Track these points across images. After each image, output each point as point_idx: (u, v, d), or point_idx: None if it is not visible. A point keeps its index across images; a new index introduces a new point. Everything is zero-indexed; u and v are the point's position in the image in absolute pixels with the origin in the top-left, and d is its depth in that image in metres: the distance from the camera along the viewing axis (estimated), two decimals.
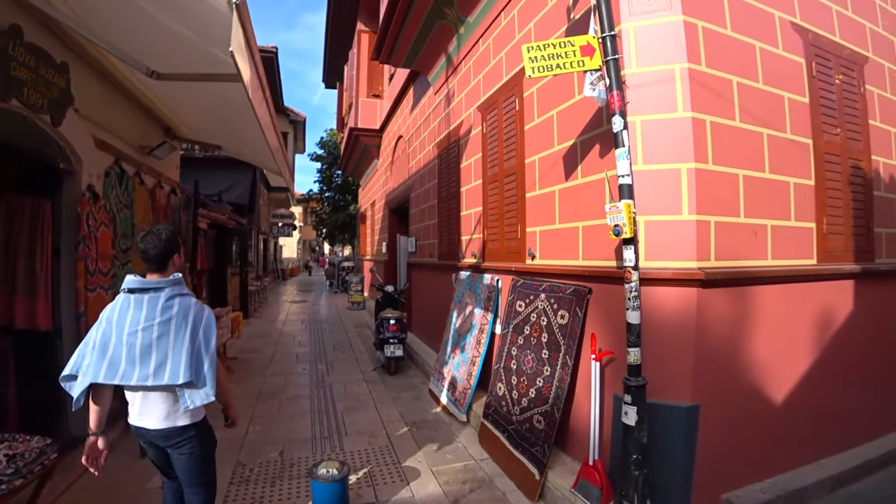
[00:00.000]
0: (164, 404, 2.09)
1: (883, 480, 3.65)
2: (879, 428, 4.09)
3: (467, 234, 5.76)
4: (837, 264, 3.59)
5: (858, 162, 3.86)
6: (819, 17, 3.82)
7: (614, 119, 2.76)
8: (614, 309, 3.04)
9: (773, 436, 3.23)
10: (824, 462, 3.52)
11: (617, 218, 2.66)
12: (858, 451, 3.78)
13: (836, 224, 3.63)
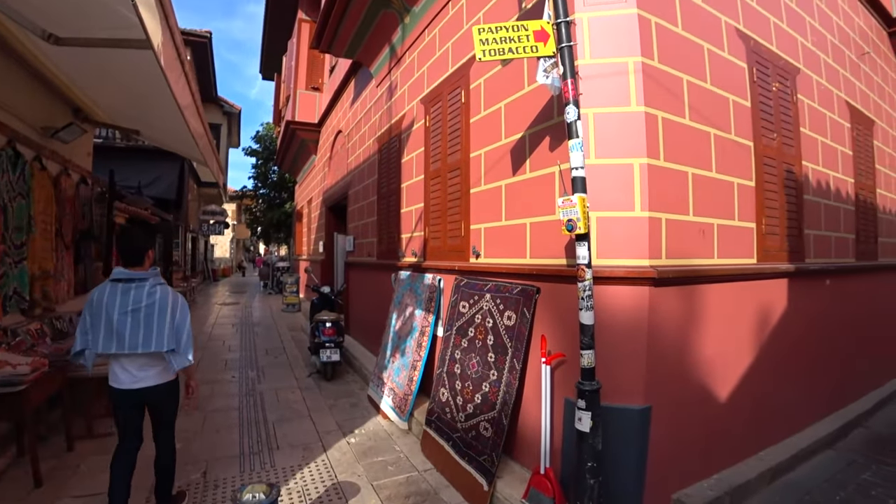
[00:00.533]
0: (155, 367, 2.74)
1: (814, 468, 3.82)
2: (809, 417, 4.31)
3: (408, 232, 5.51)
4: (774, 264, 3.68)
5: (791, 166, 3.99)
6: (759, 26, 3.92)
7: (568, 108, 2.61)
8: (565, 309, 2.91)
9: (718, 432, 3.24)
10: (763, 454, 3.63)
11: (570, 212, 2.50)
12: (792, 441, 3.96)
13: (773, 225, 3.73)
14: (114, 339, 2.58)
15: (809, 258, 4.23)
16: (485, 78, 3.94)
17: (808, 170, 4.25)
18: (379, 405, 4.91)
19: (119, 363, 2.68)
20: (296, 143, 12.69)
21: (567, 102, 2.64)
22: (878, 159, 5.78)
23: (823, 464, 3.92)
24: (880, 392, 5.57)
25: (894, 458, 4.09)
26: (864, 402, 5.11)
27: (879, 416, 5.09)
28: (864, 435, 4.58)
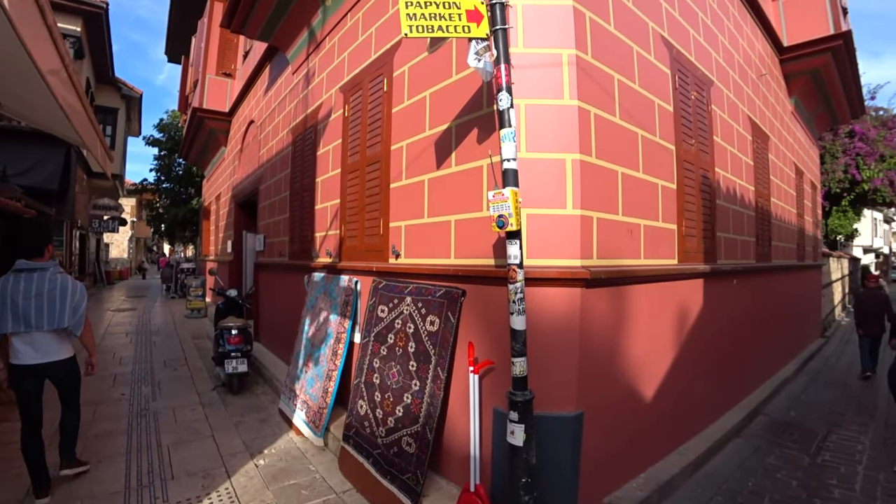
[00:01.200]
0: (56, 343, 3.18)
1: (727, 457, 4.02)
2: (720, 409, 4.54)
3: (322, 231, 5.10)
4: (693, 264, 3.78)
5: (707, 172, 4.14)
6: (681, 36, 4.04)
7: (501, 95, 2.42)
8: (493, 313, 2.71)
9: (644, 430, 3.24)
10: (683, 448, 3.74)
11: (501, 207, 2.30)
12: (707, 432, 4.15)
13: (692, 227, 3.82)
14: (21, 321, 2.98)
15: (721, 259, 4.42)
16: (409, 65, 3.69)
17: (720, 176, 4.45)
18: (291, 420, 4.46)
19: (22, 341, 3.05)
20: (203, 133, 11.64)
21: (500, 89, 2.45)
22: (772, 171, 6.27)
23: (734, 452, 4.14)
24: (773, 381, 6.06)
25: (791, 442, 4.42)
26: (762, 391, 5.53)
27: (774, 403, 5.52)
28: (764, 422, 4.91)
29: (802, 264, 8.03)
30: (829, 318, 12.36)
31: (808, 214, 8.76)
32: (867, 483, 3.65)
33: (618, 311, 2.90)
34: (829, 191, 12.97)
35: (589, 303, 2.63)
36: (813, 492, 3.49)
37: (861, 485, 3.62)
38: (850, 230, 15.15)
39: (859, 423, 5.04)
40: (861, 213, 15.49)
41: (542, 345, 2.59)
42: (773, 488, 3.51)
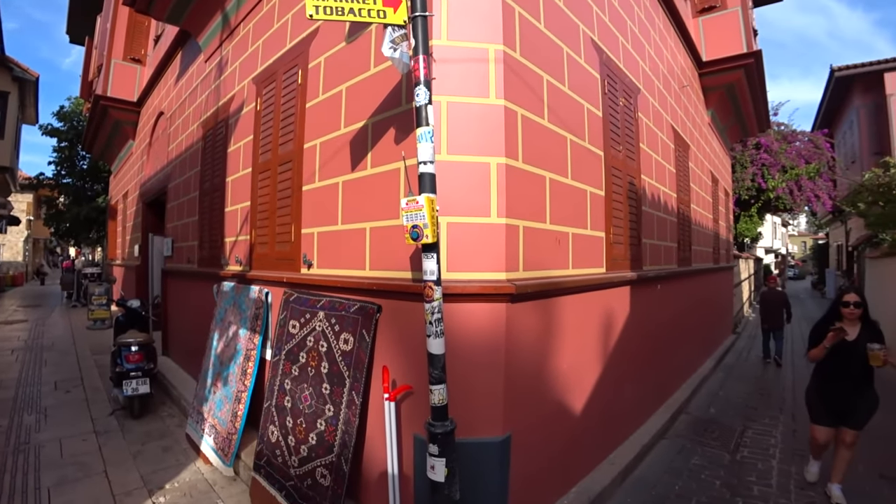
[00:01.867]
0: None
1: (655, 461, 4.04)
2: (646, 412, 4.58)
3: (233, 236, 4.63)
4: (620, 272, 3.74)
5: (633, 178, 4.13)
6: (610, 41, 4.00)
7: (418, 90, 2.18)
8: (411, 330, 2.46)
9: (575, 444, 3.14)
10: (613, 457, 3.71)
11: (415, 217, 2.05)
12: (636, 436, 4.16)
13: (619, 234, 3.79)
14: None
15: (646, 265, 4.45)
16: (326, 56, 3.36)
17: (645, 183, 4.48)
18: (199, 447, 3.97)
19: None
20: (108, 124, 10.51)
21: (417, 83, 2.21)
22: (691, 179, 6.51)
23: (661, 454, 4.17)
24: (693, 379, 6.29)
25: (713, 439, 4.55)
26: (684, 390, 5.71)
27: (696, 401, 5.72)
28: (687, 420, 5.04)
29: (717, 266, 8.48)
30: (739, 314, 13.28)
31: (723, 220, 9.29)
32: (781, 477, 3.80)
33: (545, 324, 2.76)
34: (740, 197, 13.96)
35: (515, 319, 2.45)
36: (735, 490, 3.57)
37: (776, 479, 3.76)
38: (755, 233, 16.43)
39: (771, 416, 5.32)
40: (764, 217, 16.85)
41: (465, 365, 2.37)
42: (698, 490, 3.56)
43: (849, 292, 3.23)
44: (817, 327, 3.37)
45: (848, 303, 3.18)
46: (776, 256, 36.38)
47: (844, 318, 3.19)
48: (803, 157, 14.02)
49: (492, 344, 2.38)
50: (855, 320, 3.18)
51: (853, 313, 3.16)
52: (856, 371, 3.14)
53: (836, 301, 3.31)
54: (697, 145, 7.14)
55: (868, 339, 3.07)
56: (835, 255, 20.87)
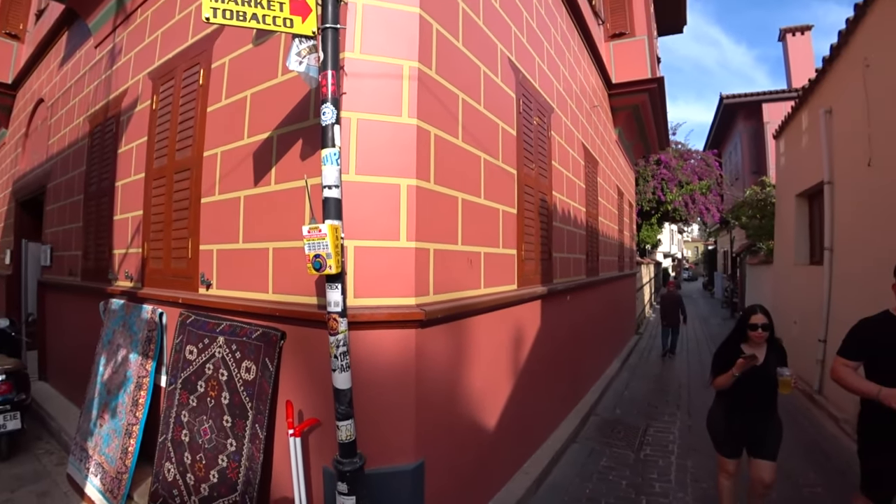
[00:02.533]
0: None
1: (567, 465, 4.17)
2: (558, 418, 4.75)
3: (122, 248, 4.18)
4: (531, 288, 3.82)
5: (545, 195, 4.26)
6: (527, 61, 4.09)
7: (325, 108, 2.06)
8: (318, 359, 2.33)
9: (489, 459, 3.14)
10: (527, 466, 3.78)
11: (318, 245, 1.93)
12: (548, 443, 4.28)
13: (531, 250, 3.87)
14: None
15: (556, 278, 4.60)
16: (231, 57, 3.12)
17: (556, 199, 4.64)
18: (84, 488, 3.49)
19: None
20: None
21: (324, 100, 2.09)
22: (600, 193, 6.89)
23: (572, 458, 4.33)
24: (601, 381, 6.65)
25: (619, 440, 4.81)
26: (593, 393, 6.00)
27: (603, 403, 6.03)
28: (596, 422, 5.29)
29: (622, 274, 9.06)
30: (642, 316, 14.32)
31: (627, 229, 9.95)
32: (679, 472, 4.08)
33: (457, 347, 2.74)
34: (642, 209, 15.13)
35: (425, 344, 2.40)
36: (639, 489, 3.77)
37: (675, 475, 4.03)
38: (655, 240, 17.89)
39: (669, 413, 5.74)
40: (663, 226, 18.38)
41: (375, 393, 2.29)
42: (607, 491, 3.72)
43: (755, 312, 2.84)
44: (721, 352, 2.99)
45: (756, 325, 2.79)
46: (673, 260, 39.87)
47: (751, 340, 2.83)
48: (697, 173, 15.48)
49: (402, 371, 2.31)
50: (762, 342, 2.84)
51: (761, 336, 2.80)
52: (763, 398, 2.84)
53: (741, 322, 2.91)
54: (606, 161, 7.58)
55: (776, 363, 2.76)
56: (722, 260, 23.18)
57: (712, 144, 20.55)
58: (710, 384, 3.10)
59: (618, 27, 8.16)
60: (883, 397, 2.17)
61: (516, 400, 3.58)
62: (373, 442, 2.27)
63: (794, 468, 4.15)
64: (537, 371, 4.03)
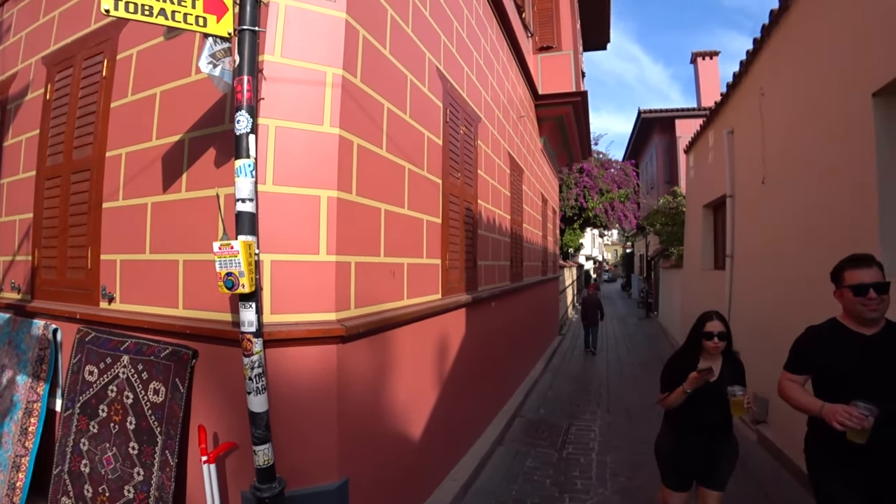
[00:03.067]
0: None
1: (493, 469, 4.26)
2: (485, 422, 4.85)
3: (8, 254, 3.73)
4: (456, 296, 3.87)
5: (470, 204, 4.34)
6: (456, 71, 4.13)
7: (239, 116, 1.97)
8: (234, 378, 2.21)
9: (417, 469, 3.15)
10: (455, 472, 3.81)
11: (230, 263, 1.84)
12: (475, 449, 4.34)
13: (455, 259, 3.92)
14: None
15: (481, 286, 4.70)
16: (140, 49, 2.89)
17: (482, 207, 4.74)
18: None
19: None
20: None
21: (239, 107, 2.00)
22: (524, 200, 7.12)
23: (499, 461, 4.43)
24: (527, 383, 6.88)
25: (543, 440, 4.99)
26: (518, 395, 6.19)
27: (528, 403, 6.24)
28: (521, 424, 5.46)
29: (545, 278, 9.43)
30: (565, 317, 14.97)
31: (550, 235, 10.37)
32: (600, 468, 4.29)
33: (380, 360, 2.72)
34: (565, 214, 15.86)
35: (347, 359, 2.35)
36: (562, 487, 3.93)
37: (596, 471, 4.24)
38: (577, 244, 18.81)
39: (591, 411, 6.05)
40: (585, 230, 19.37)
41: (296, 411, 2.22)
42: (532, 492, 3.84)
43: (710, 318, 2.49)
44: (672, 366, 2.60)
45: (711, 333, 2.43)
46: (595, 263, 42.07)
47: (705, 350, 2.47)
48: (616, 182, 16.47)
49: (323, 388, 2.25)
50: (718, 354, 2.47)
51: (717, 346, 2.43)
52: (718, 419, 2.44)
53: (695, 330, 2.52)
54: (531, 170, 7.85)
55: (731, 378, 2.40)
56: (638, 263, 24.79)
57: (631, 155, 21.96)
58: (657, 402, 2.63)
59: (546, 40, 8.49)
60: (825, 413, 1.89)
61: (443, 407, 3.62)
62: (294, 463, 2.20)
63: None
64: (463, 378, 4.09)
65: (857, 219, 3.43)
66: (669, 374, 2.56)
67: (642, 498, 3.70)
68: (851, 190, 3.49)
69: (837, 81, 3.70)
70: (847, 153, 3.57)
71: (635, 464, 4.34)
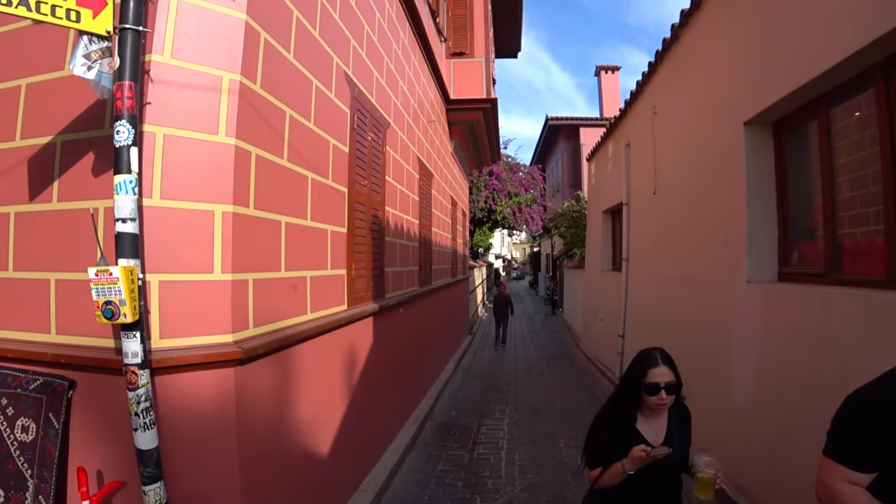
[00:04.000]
0: None
1: (406, 476, 4.29)
2: (396, 428, 4.86)
3: None
4: (363, 306, 3.84)
5: (377, 211, 4.33)
6: (365, 76, 4.07)
7: (119, 126, 1.82)
8: (120, 409, 2.00)
9: (326, 485, 3.10)
10: (366, 483, 3.80)
11: (109, 291, 1.69)
12: (386, 456, 4.35)
13: (361, 268, 3.89)
14: None
15: (389, 293, 4.71)
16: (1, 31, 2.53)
17: (389, 214, 4.75)
18: None
19: None
20: None
21: (119, 116, 1.84)
22: (433, 204, 7.24)
23: (411, 467, 4.47)
24: (437, 385, 7.01)
25: (454, 442, 5.11)
26: (429, 398, 6.29)
27: (439, 407, 6.36)
28: (432, 427, 5.55)
29: (455, 280, 9.65)
30: (475, 316, 15.43)
31: (460, 237, 10.63)
32: (509, 466, 4.48)
33: (283, 379, 2.63)
34: (475, 216, 16.37)
35: (246, 382, 2.25)
36: (473, 488, 4.04)
37: (505, 469, 4.42)
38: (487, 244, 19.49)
39: (499, 410, 6.29)
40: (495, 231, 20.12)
41: (191, 441, 2.09)
42: (444, 495, 3.91)
43: (655, 364, 1.81)
44: (600, 430, 1.93)
45: (656, 386, 1.78)
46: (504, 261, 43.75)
47: (646, 407, 1.85)
48: (524, 185, 17.29)
49: (220, 415, 2.13)
50: (664, 412, 1.88)
51: (664, 404, 1.81)
52: (667, 499, 1.89)
53: (633, 377, 1.87)
54: (441, 174, 7.99)
55: (680, 438, 1.89)
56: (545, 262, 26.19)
57: (538, 159, 23.11)
58: (583, 473, 1.98)
59: (459, 47, 8.67)
60: None
61: (352, 419, 3.59)
62: (194, 495, 2.07)
63: None
64: (372, 387, 4.08)
65: (729, 229, 3.94)
66: (598, 442, 1.91)
67: (548, 492, 3.96)
68: (726, 205, 4.01)
69: (716, 109, 4.22)
70: (723, 172, 4.09)
71: (540, 459, 4.62)
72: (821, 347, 2.84)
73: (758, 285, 3.57)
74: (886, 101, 2.61)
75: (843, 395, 1.41)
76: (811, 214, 3.36)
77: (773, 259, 3.64)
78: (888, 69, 2.59)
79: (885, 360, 1.44)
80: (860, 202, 2.88)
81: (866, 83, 2.78)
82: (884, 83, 2.62)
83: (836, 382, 2.66)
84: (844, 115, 3.01)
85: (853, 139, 2.94)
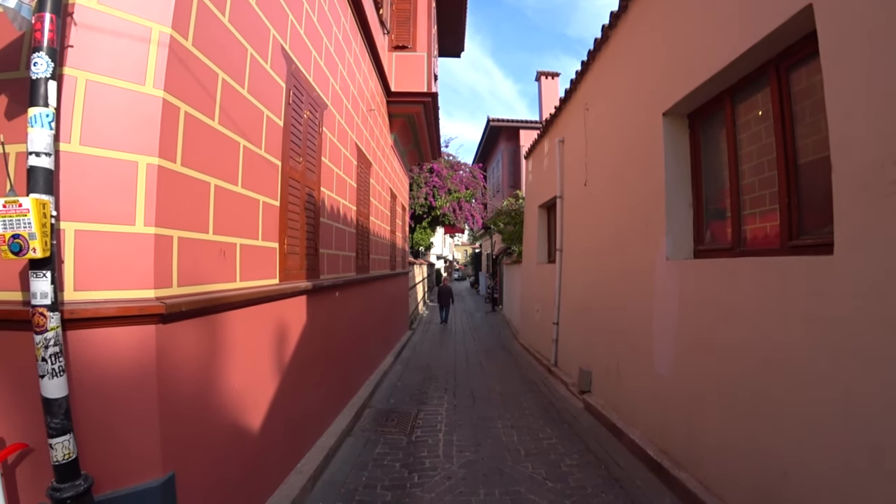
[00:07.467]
0: None
1: (343, 459, 4.26)
2: (333, 413, 4.81)
3: None
4: (295, 282, 3.79)
5: (312, 191, 4.29)
6: (303, 54, 4.04)
7: (36, 58, 1.73)
8: (26, 368, 1.89)
9: (258, 462, 3.04)
10: (301, 465, 3.75)
11: (17, 223, 1.60)
12: (322, 440, 4.31)
13: (295, 245, 3.85)
14: None
15: (324, 275, 4.68)
16: None
17: (325, 195, 4.72)
18: None
19: None
20: None
21: (38, 48, 1.75)
22: (372, 194, 7.24)
23: (348, 451, 4.45)
24: (376, 375, 7.00)
25: (393, 427, 5.13)
26: (367, 386, 6.27)
27: (377, 395, 6.35)
28: (371, 414, 5.54)
29: (394, 273, 9.66)
30: (415, 313, 15.48)
31: (399, 231, 10.65)
32: (446, 446, 4.57)
33: (211, 344, 2.56)
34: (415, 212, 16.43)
35: (170, 342, 2.19)
36: (411, 467, 4.09)
37: (443, 449, 4.51)
38: (428, 243, 19.60)
39: (438, 397, 6.37)
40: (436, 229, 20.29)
41: (107, 401, 1.99)
42: (382, 476, 3.93)
43: None
44: None
45: None
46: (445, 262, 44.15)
47: None
48: (465, 183, 17.56)
49: (140, 373, 2.05)
50: None
51: None
52: None
53: None
54: (380, 164, 8.00)
55: None
56: (486, 262, 26.69)
57: (480, 159, 23.59)
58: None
59: (402, 40, 8.72)
60: None
61: (286, 398, 3.54)
62: (107, 459, 1.98)
63: (534, 425, 5.20)
64: (307, 368, 4.04)
65: (650, 213, 4.26)
66: None
67: (486, 467, 4.09)
68: (647, 191, 4.33)
69: (640, 102, 4.56)
70: (644, 161, 4.42)
71: (478, 439, 4.76)
72: (726, 315, 3.17)
73: (675, 262, 3.90)
74: (779, 94, 2.97)
75: (742, 360, 1.61)
76: (721, 197, 3.72)
77: (689, 238, 3.99)
78: (779, 64, 2.95)
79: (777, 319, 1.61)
80: (759, 186, 3.24)
81: (762, 78, 3.14)
82: (776, 78, 2.99)
83: (736, 347, 3.00)
84: (747, 111, 3.39)
85: (753, 130, 3.31)
